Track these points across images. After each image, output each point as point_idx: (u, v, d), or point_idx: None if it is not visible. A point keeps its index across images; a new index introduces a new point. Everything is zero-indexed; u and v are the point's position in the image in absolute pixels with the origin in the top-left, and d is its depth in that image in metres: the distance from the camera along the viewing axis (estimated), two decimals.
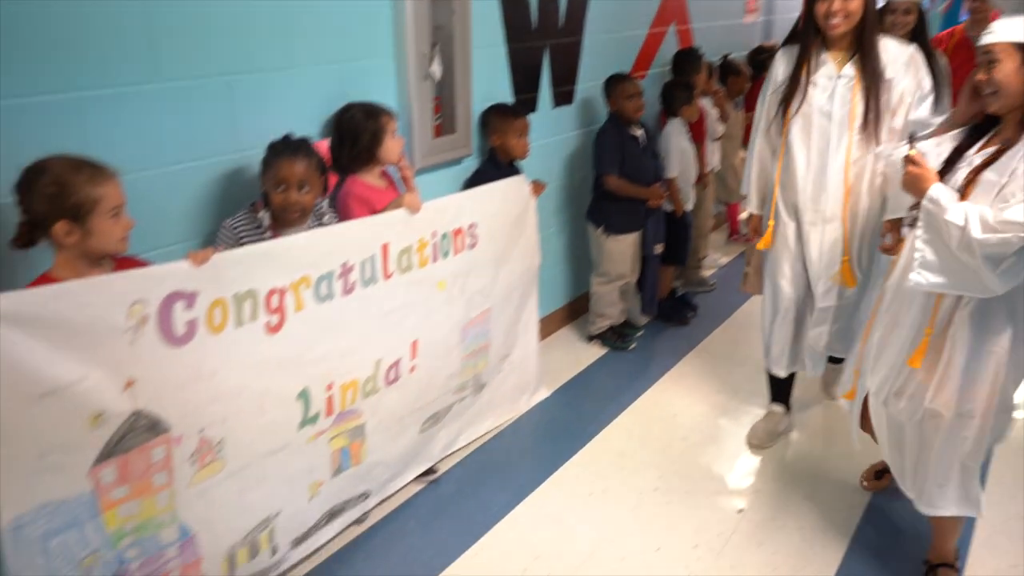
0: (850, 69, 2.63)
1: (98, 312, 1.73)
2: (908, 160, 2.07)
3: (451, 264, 2.72)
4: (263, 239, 2.23)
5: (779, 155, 2.80)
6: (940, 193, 1.98)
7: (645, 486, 2.86)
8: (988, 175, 1.95)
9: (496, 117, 3.23)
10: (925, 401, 2.14)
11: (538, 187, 3.11)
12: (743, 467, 2.99)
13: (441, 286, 2.71)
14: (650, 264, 3.96)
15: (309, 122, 2.56)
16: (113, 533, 1.85)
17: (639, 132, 3.76)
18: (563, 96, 3.79)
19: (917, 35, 3.22)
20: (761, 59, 4.95)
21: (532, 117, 3.40)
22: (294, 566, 2.43)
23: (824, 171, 2.69)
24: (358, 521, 2.64)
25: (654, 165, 3.86)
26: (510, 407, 3.27)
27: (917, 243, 2.01)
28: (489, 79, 3.29)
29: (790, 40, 2.82)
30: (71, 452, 1.72)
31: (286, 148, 2.25)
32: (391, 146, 2.60)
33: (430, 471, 2.89)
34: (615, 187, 3.69)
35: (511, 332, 3.14)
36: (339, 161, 2.60)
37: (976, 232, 1.86)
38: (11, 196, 1.77)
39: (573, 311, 4.21)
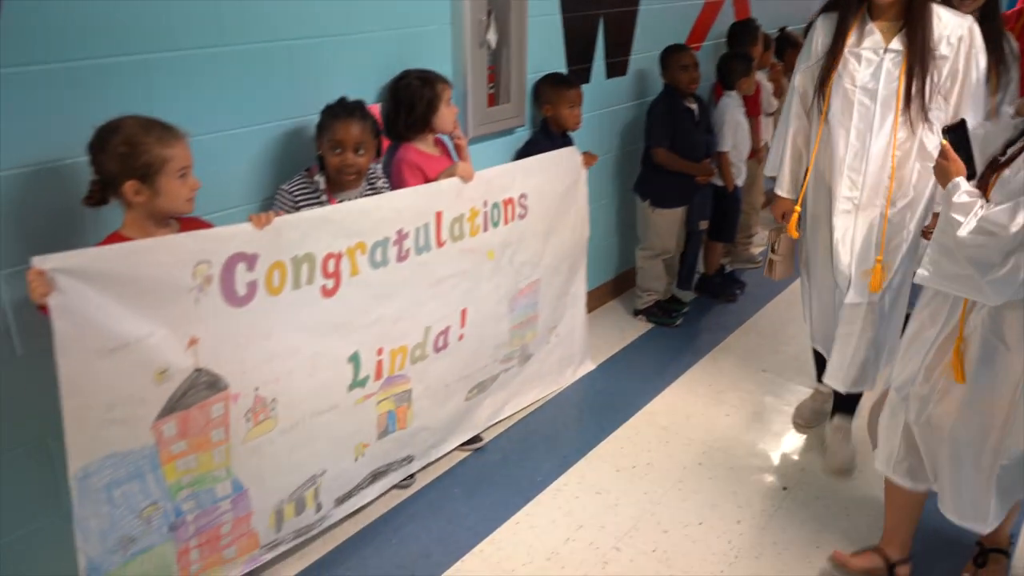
0: (899, 42, 2.38)
1: (166, 271, 1.77)
2: (940, 152, 1.95)
3: (501, 234, 2.73)
4: (320, 202, 2.27)
5: (816, 137, 2.57)
6: (956, 187, 1.85)
7: (689, 461, 2.86)
8: (1006, 172, 1.79)
9: (549, 87, 3.21)
10: (929, 405, 2.01)
11: (590, 159, 3.09)
12: (788, 445, 2.98)
13: (491, 255, 2.72)
14: (693, 240, 3.93)
15: (366, 88, 2.57)
16: (172, 485, 1.91)
17: (693, 105, 3.71)
18: (617, 67, 3.75)
19: (987, 13, 2.93)
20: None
21: (585, 88, 3.37)
22: (337, 523, 2.48)
23: (864, 156, 2.45)
24: (404, 486, 2.69)
25: (707, 139, 3.81)
26: (556, 379, 3.29)
27: (933, 237, 1.90)
28: (543, 49, 3.27)
29: (830, 7, 2.54)
30: (137, 406, 1.78)
31: (342, 110, 2.27)
32: (445, 114, 2.61)
33: (476, 440, 2.93)
34: (664, 160, 3.65)
35: (559, 304, 3.15)
36: (394, 128, 2.62)
37: (962, 231, 1.75)
38: (84, 155, 1.81)
39: (620, 285, 4.20)
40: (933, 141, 2.41)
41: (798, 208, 2.68)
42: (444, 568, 2.35)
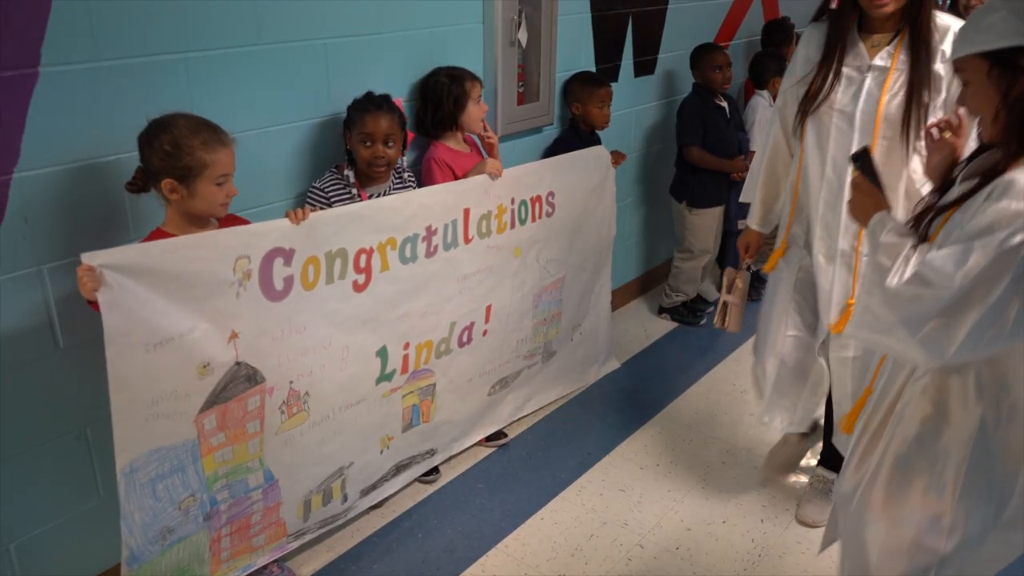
0: (884, 59, 2.07)
1: (208, 266, 1.80)
2: (853, 183, 1.63)
3: (528, 231, 2.75)
4: (351, 196, 2.30)
5: (797, 168, 2.29)
6: (881, 224, 1.51)
7: (712, 459, 2.87)
8: (955, 215, 1.44)
9: (579, 86, 3.22)
10: (843, 483, 1.69)
11: (618, 157, 3.10)
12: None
13: (517, 253, 2.74)
14: (731, 240, 3.92)
15: (399, 85, 2.59)
16: (209, 477, 1.95)
17: (724, 103, 3.71)
18: (645, 66, 3.75)
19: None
20: None
21: (613, 87, 3.38)
22: (364, 517, 2.52)
23: (841, 190, 2.13)
24: (429, 481, 2.72)
25: (739, 138, 3.81)
26: (580, 376, 3.31)
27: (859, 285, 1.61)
28: (572, 47, 3.28)
29: (819, 15, 2.25)
30: (180, 400, 1.81)
31: (371, 104, 2.31)
32: (473, 112, 2.63)
33: (500, 436, 2.95)
34: (697, 159, 3.65)
35: (583, 302, 3.17)
36: (423, 125, 2.64)
37: (892, 279, 1.42)
38: (126, 152, 1.85)
39: (645, 283, 4.21)
40: (919, 173, 2.10)
41: (784, 243, 2.39)
42: (468, 563, 2.38)
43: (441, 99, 2.59)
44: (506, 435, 2.98)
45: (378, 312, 2.28)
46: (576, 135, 3.21)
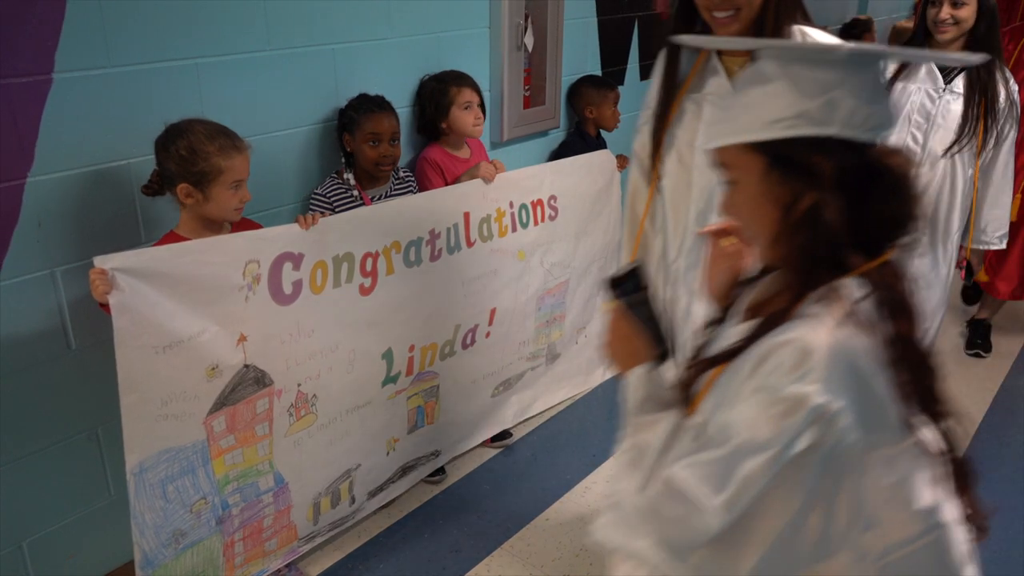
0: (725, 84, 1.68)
1: (218, 270, 1.83)
2: (610, 320, 1.18)
3: (531, 234, 2.76)
4: (353, 199, 2.33)
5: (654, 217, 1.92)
6: (640, 389, 1.12)
7: None
8: (723, 378, 1.03)
9: (591, 89, 3.25)
10: None
11: (624, 161, 3.12)
12: None
13: (521, 256, 2.76)
14: None
15: (404, 90, 2.62)
16: (220, 480, 1.97)
17: None
18: (651, 69, 3.75)
19: (979, 39, 2.50)
20: (855, 33, 4.80)
21: (619, 90, 3.39)
22: (371, 517, 2.54)
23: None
24: (435, 481, 2.74)
25: None
26: (584, 379, 3.32)
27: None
28: (578, 51, 3.30)
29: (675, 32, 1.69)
30: (189, 401, 1.84)
31: (373, 104, 2.34)
32: (459, 117, 2.62)
33: (506, 437, 2.97)
34: None
35: (588, 305, 3.18)
36: (420, 128, 2.68)
37: (647, 487, 1.02)
38: (138, 155, 1.87)
39: None
40: None
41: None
42: (474, 563, 2.40)
43: (425, 103, 2.63)
44: (511, 435, 3.00)
45: (384, 315, 2.30)
46: (582, 138, 3.23)
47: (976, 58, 1.05)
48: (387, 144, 2.34)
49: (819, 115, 0.94)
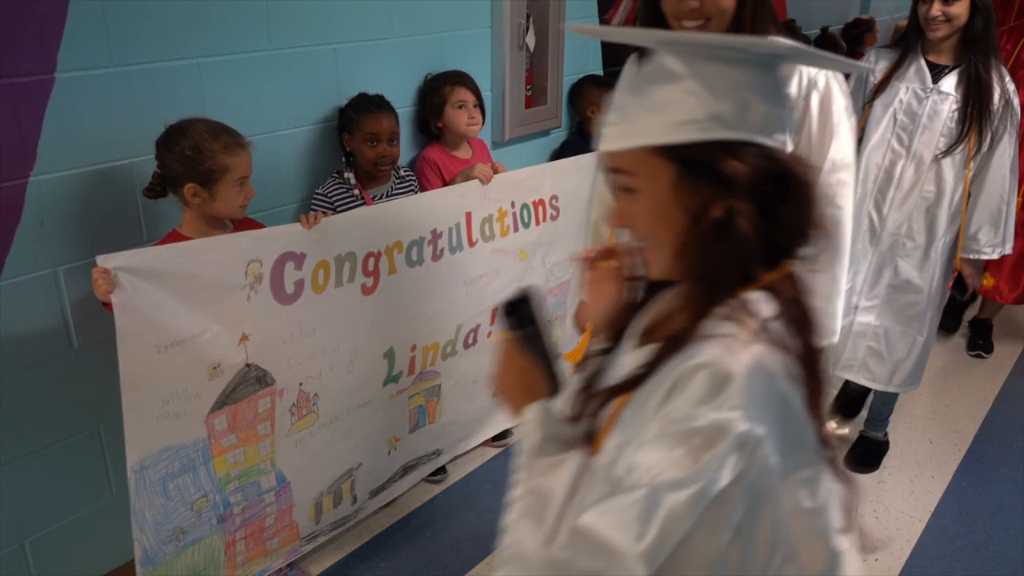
0: None
1: (220, 269, 1.83)
2: (501, 353, 1.09)
3: (533, 234, 2.76)
4: (354, 197, 2.33)
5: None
6: (536, 428, 0.99)
7: None
8: (628, 410, 0.93)
9: (594, 88, 3.25)
10: None
11: None
12: None
13: (523, 256, 2.76)
14: None
15: (406, 90, 2.62)
16: (221, 478, 1.98)
17: None
18: None
19: (973, 37, 2.44)
20: (857, 33, 4.80)
21: None
22: (372, 517, 2.54)
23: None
24: (436, 481, 2.74)
25: None
26: None
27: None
28: (580, 51, 3.29)
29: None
30: (191, 400, 1.84)
31: (372, 104, 2.34)
32: (452, 116, 2.62)
33: (506, 435, 2.97)
34: None
35: None
36: (420, 127, 2.68)
37: (552, 538, 0.90)
38: (140, 154, 1.88)
39: None
40: None
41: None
42: (475, 562, 2.40)
43: (423, 102, 2.64)
44: (512, 434, 3.00)
45: (385, 315, 2.30)
46: (584, 138, 3.23)
47: (863, 66, 0.99)
48: (386, 144, 2.34)
49: (731, 117, 0.87)
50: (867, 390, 3.00)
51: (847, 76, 4.42)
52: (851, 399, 3.13)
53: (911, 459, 2.92)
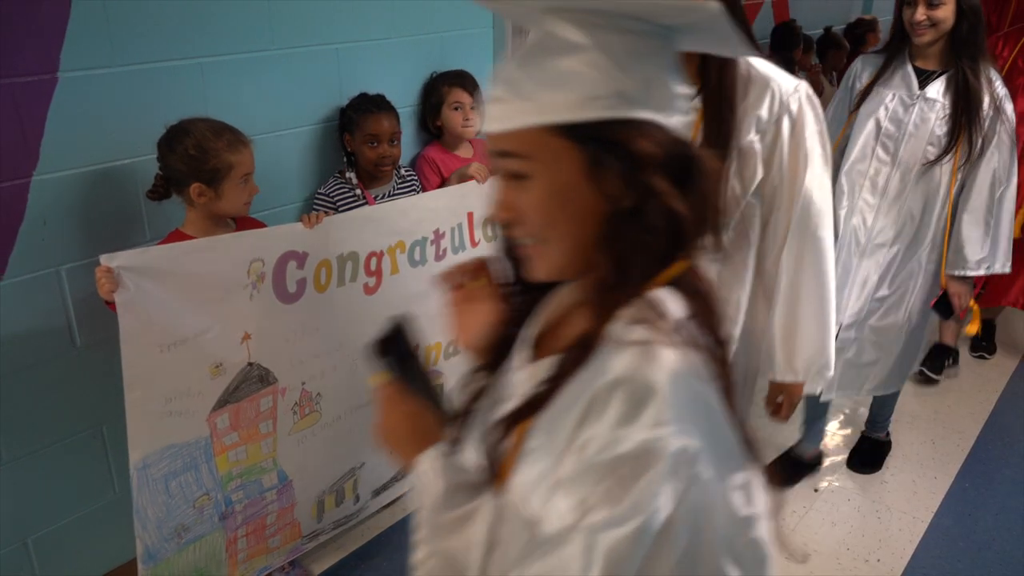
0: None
1: (223, 268, 1.83)
2: (382, 397, 0.98)
3: None
4: (356, 197, 2.33)
5: None
6: (434, 479, 0.87)
7: None
8: (536, 440, 0.81)
9: None
10: None
11: None
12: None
13: None
14: None
15: (408, 90, 2.62)
16: (223, 476, 1.98)
17: None
18: None
19: (961, 39, 2.32)
20: (859, 33, 4.79)
21: None
22: (373, 516, 2.54)
23: None
24: None
25: None
26: None
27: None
28: None
29: None
30: (193, 398, 1.84)
31: (372, 104, 2.34)
32: (448, 116, 2.62)
33: None
34: None
35: None
36: (421, 126, 2.69)
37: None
38: (142, 154, 1.88)
39: None
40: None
41: None
42: None
43: (424, 100, 2.65)
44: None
45: (388, 314, 2.29)
46: None
47: (757, 54, 0.87)
48: (386, 144, 2.34)
49: (637, 94, 0.78)
50: None
51: (839, 79, 4.34)
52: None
53: (913, 459, 2.92)
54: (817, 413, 2.71)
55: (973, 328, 2.65)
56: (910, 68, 2.42)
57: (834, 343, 1.74)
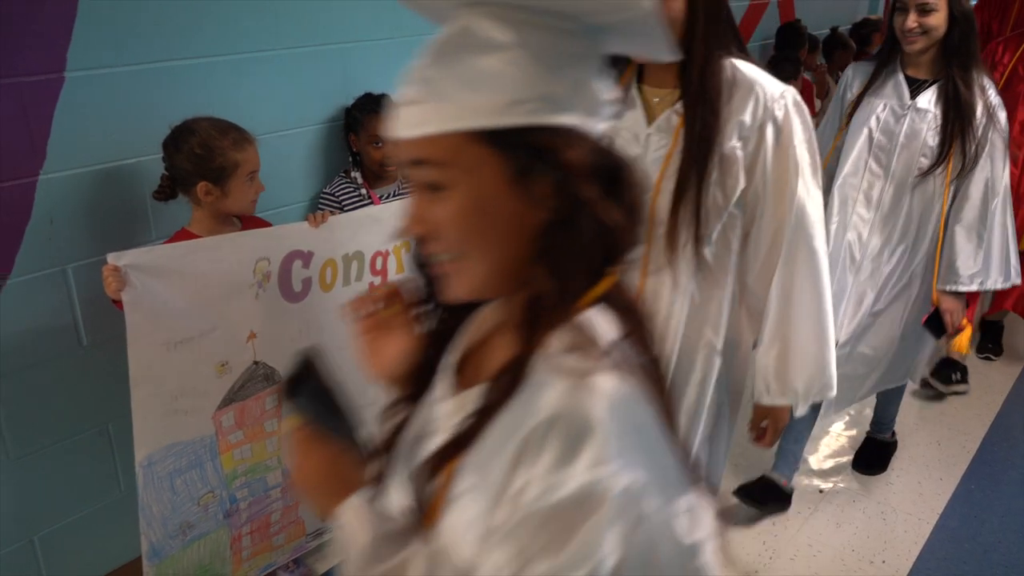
0: (663, 128, 1.53)
1: (229, 267, 1.84)
2: (297, 442, 0.89)
3: None
4: (361, 197, 2.34)
5: None
6: (360, 529, 0.79)
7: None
8: (468, 480, 0.75)
9: None
10: None
11: None
12: (826, 448, 2.99)
13: None
14: None
15: None
16: (228, 474, 1.99)
17: None
18: None
19: (955, 46, 2.26)
20: (865, 33, 4.79)
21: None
22: None
23: None
24: None
25: None
26: None
27: None
28: None
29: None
30: (199, 397, 1.85)
31: (376, 105, 2.34)
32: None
33: None
34: None
35: None
36: None
37: None
38: (148, 154, 1.89)
39: None
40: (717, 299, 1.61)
41: None
42: None
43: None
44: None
45: None
46: None
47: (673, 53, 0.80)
48: (391, 145, 2.34)
49: (564, 98, 0.73)
50: None
51: (824, 95, 4.26)
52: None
53: (919, 461, 2.91)
54: (792, 436, 2.56)
55: (962, 345, 2.47)
56: (901, 77, 2.36)
57: (835, 361, 1.67)
